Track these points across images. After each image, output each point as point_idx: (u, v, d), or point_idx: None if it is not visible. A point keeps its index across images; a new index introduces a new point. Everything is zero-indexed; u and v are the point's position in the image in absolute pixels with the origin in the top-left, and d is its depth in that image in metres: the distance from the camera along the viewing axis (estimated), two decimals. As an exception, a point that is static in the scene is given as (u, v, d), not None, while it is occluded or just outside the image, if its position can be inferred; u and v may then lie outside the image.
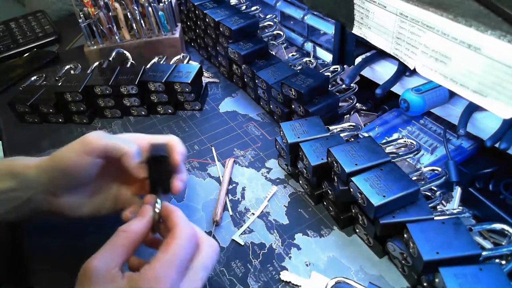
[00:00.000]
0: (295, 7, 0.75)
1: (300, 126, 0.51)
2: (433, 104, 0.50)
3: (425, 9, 0.35)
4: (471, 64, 0.33)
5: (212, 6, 0.74)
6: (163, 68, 0.67)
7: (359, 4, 0.43)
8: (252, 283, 0.43)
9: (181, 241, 0.33)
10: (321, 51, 0.73)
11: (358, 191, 0.40)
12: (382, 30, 0.42)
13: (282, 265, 0.44)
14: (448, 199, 0.47)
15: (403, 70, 0.55)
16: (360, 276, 0.42)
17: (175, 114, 0.69)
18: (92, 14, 0.75)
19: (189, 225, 0.36)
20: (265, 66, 0.64)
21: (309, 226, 0.48)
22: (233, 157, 0.58)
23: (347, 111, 0.60)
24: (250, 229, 0.48)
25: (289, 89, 0.56)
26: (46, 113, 0.69)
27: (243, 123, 0.65)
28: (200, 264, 0.34)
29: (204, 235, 0.37)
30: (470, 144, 0.53)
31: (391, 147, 0.50)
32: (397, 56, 0.42)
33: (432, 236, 0.37)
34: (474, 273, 0.34)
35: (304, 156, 0.47)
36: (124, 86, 0.65)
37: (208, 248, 0.36)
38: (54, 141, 0.66)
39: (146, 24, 0.77)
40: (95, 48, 0.78)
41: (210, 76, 0.77)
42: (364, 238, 0.45)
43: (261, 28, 0.73)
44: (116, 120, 0.69)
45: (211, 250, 0.36)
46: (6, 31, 1.00)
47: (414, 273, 0.39)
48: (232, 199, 0.52)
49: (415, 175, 0.46)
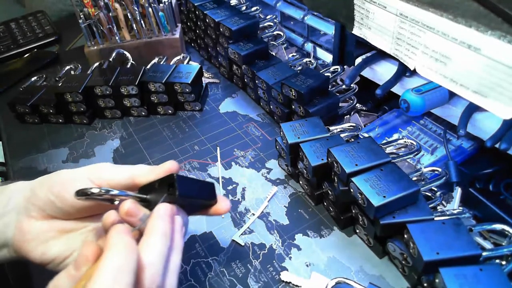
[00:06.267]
0: (295, 8, 0.75)
1: (300, 126, 0.51)
2: (433, 105, 0.50)
3: (425, 9, 0.35)
4: (471, 65, 0.33)
5: (212, 6, 0.74)
6: (163, 69, 0.67)
7: (359, 5, 0.43)
8: (252, 284, 0.43)
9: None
10: (321, 52, 0.73)
11: (358, 191, 0.40)
12: (382, 30, 0.42)
13: (282, 266, 0.44)
14: (448, 199, 0.47)
15: (403, 70, 0.55)
16: (360, 277, 0.42)
17: (175, 114, 0.69)
18: (92, 14, 0.75)
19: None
20: (265, 66, 0.64)
21: (309, 227, 0.48)
22: (234, 157, 0.58)
23: (347, 112, 0.60)
24: (250, 230, 0.48)
25: (289, 90, 0.56)
26: (46, 114, 0.69)
27: (243, 123, 0.65)
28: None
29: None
30: (470, 144, 0.53)
31: (391, 147, 0.50)
32: (397, 57, 0.42)
33: (432, 236, 0.37)
34: (474, 273, 0.34)
35: (304, 156, 0.47)
36: (124, 86, 0.65)
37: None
38: (54, 142, 0.66)
39: (146, 25, 0.77)
40: (95, 48, 0.78)
41: (210, 76, 0.77)
42: (364, 238, 0.45)
43: (261, 29, 0.73)
44: (116, 121, 0.69)
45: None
46: (6, 32, 1.00)
47: (414, 274, 0.39)
48: (232, 199, 0.52)
49: (415, 175, 0.46)
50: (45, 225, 0.36)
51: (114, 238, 0.29)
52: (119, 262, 0.27)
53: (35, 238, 0.36)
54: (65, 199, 0.35)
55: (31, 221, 0.36)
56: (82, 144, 0.65)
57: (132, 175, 0.37)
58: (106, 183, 0.36)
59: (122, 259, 0.27)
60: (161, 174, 0.36)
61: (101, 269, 0.27)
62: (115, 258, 0.27)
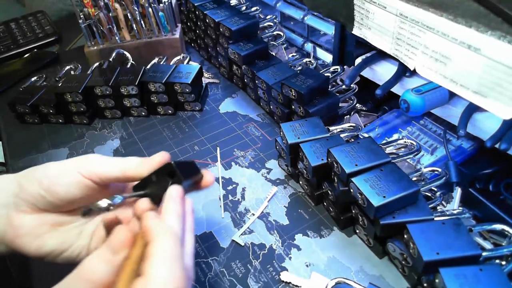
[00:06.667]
0: (295, 8, 0.75)
1: (300, 126, 0.51)
2: (433, 105, 0.50)
3: (425, 9, 0.35)
4: (471, 65, 0.33)
5: (212, 6, 0.74)
6: (163, 69, 0.67)
7: (359, 5, 0.43)
8: (252, 284, 0.43)
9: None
10: (321, 52, 0.73)
11: (358, 191, 0.40)
12: (382, 30, 0.42)
13: (282, 266, 0.44)
14: (448, 199, 0.47)
15: (403, 70, 0.55)
16: (360, 277, 0.42)
17: (175, 114, 0.69)
18: (92, 14, 0.75)
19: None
20: (265, 66, 0.64)
21: (309, 227, 0.48)
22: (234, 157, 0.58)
23: (347, 112, 0.60)
24: (250, 230, 0.48)
25: (289, 90, 0.56)
26: (46, 114, 0.69)
27: (243, 123, 0.65)
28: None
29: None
30: (470, 144, 0.53)
31: (391, 147, 0.50)
32: (397, 57, 0.42)
33: (432, 236, 0.37)
34: (474, 273, 0.34)
35: (304, 156, 0.47)
36: (124, 86, 0.65)
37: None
38: (54, 142, 0.66)
39: (146, 25, 0.77)
40: (95, 48, 0.78)
41: (210, 76, 0.77)
42: (364, 238, 0.45)
43: (261, 29, 0.73)
44: (116, 121, 0.69)
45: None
46: (6, 32, 1.00)
47: (414, 274, 0.39)
48: (232, 199, 0.52)
49: (415, 175, 0.46)
50: (36, 219, 0.36)
51: (158, 225, 0.30)
52: (170, 247, 0.29)
53: (28, 233, 0.36)
54: (55, 193, 0.35)
55: (22, 215, 0.36)
56: (82, 144, 0.65)
57: (123, 168, 0.36)
58: (97, 176, 0.36)
59: (173, 245, 0.29)
60: (154, 165, 0.36)
61: (158, 254, 0.28)
62: (167, 245, 0.29)
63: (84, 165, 0.36)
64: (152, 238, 0.30)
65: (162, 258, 0.28)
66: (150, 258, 0.28)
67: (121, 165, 0.37)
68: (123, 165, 0.37)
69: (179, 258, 0.30)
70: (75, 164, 0.36)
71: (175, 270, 0.29)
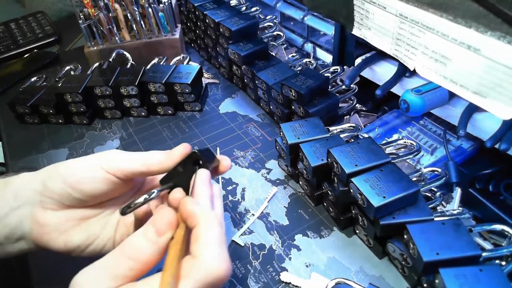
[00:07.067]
0: (295, 8, 0.75)
1: (300, 127, 0.51)
2: (433, 105, 0.50)
3: (424, 10, 0.35)
4: (471, 65, 0.33)
5: (212, 7, 0.74)
6: (163, 69, 0.67)
7: (359, 5, 0.43)
8: (252, 284, 0.43)
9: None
10: (321, 52, 0.73)
11: (358, 192, 0.40)
12: (382, 31, 0.42)
13: (282, 266, 0.44)
14: (448, 200, 0.47)
15: (403, 71, 0.55)
16: (360, 277, 0.42)
17: (175, 115, 0.69)
18: (92, 15, 0.75)
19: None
20: (265, 67, 0.64)
21: (309, 227, 0.48)
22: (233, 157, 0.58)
23: (347, 112, 0.60)
24: (250, 230, 0.48)
25: (289, 90, 0.56)
26: (46, 114, 0.69)
27: (243, 124, 0.65)
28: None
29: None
30: (470, 145, 0.53)
31: (391, 148, 0.50)
32: (397, 57, 0.42)
33: (432, 237, 0.37)
34: (474, 274, 0.34)
35: (304, 157, 0.47)
36: (124, 87, 0.65)
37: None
38: (54, 142, 0.66)
39: (146, 25, 0.77)
40: (95, 49, 0.78)
41: (210, 77, 0.77)
42: (364, 239, 0.45)
43: (261, 29, 0.74)
44: (116, 121, 0.69)
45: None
46: (6, 32, 1.00)
47: (414, 274, 0.39)
48: (232, 200, 0.52)
49: (415, 176, 0.46)
50: (63, 215, 0.37)
51: (202, 209, 0.31)
52: (217, 230, 0.30)
53: (54, 230, 0.36)
54: (81, 190, 0.36)
55: (48, 212, 0.36)
56: (82, 144, 0.65)
57: (147, 163, 0.37)
58: (121, 172, 0.36)
59: (219, 228, 0.30)
60: (178, 158, 0.36)
61: (207, 236, 0.29)
62: (214, 228, 0.30)
63: (107, 162, 0.36)
64: (197, 221, 0.30)
65: (211, 240, 0.29)
66: (199, 240, 0.29)
67: (144, 160, 0.37)
68: (146, 160, 0.37)
69: (224, 241, 0.30)
70: (99, 160, 0.37)
71: (223, 251, 0.29)
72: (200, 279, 0.28)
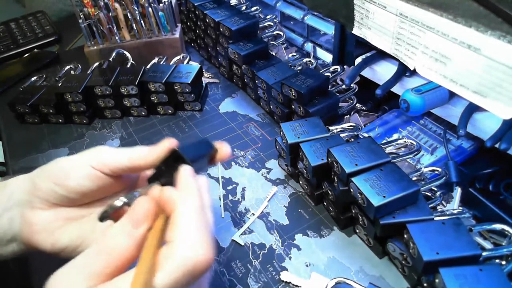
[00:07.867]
0: (295, 8, 0.75)
1: (300, 126, 0.51)
2: (433, 105, 0.50)
3: (425, 9, 0.35)
4: (471, 65, 0.33)
5: (212, 6, 0.74)
6: (163, 69, 0.67)
7: (359, 5, 0.43)
8: (252, 284, 0.43)
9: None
10: (321, 52, 0.73)
11: (358, 191, 0.40)
12: (382, 30, 0.42)
13: (282, 266, 0.44)
14: (448, 199, 0.47)
15: (403, 70, 0.55)
16: (360, 277, 0.42)
17: (175, 114, 0.69)
18: (92, 14, 0.75)
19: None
20: (265, 66, 0.64)
21: (309, 227, 0.48)
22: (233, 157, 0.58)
23: (347, 112, 0.60)
24: (250, 230, 0.48)
25: (289, 90, 0.56)
26: (46, 114, 0.69)
27: (243, 123, 0.65)
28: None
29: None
30: (470, 144, 0.53)
31: (391, 147, 0.50)
32: (397, 57, 0.42)
33: (432, 236, 0.37)
34: (474, 273, 0.34)
35: (304, 156, 0.47)
36: (124, 86, 0.65)
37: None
38: (54, 142, 0.66)
39: (146, 25, 0.77)
40: (95, 48, 0.78)
41: (210, 76, 0.77)
42: (364, 238, 0.45)
43: (261, 29, 0.73)
44: (116, 121, 0.69)
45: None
46: (6, 32, 1.00)
47: (414, 274, 0.39)
48: (232, 199, 0.52)
49: (415, 175, 0.46)
50: (51, 214, 0.36)
51: (179, 194, 0.29)
52: (195, 212, 0.28)
53: (43, 229, 0.36)
54: (67, 186, 0.35)
55: (36, 212, 0.36)
56: (82, 144, 0.65)
57: (132, 158, 0.36)
58: (107, 167, 0.36)
59: (197, 209, 0.29)
60: (162, 152, 0.36)
61: (183, 219, 0.27)
62: (191, 210, 0.28)
63: (94, 157, 0.36)
64: (174, 206, 0.29)
65: (189, 225, 0.27)
66: (175, 224, 0.27)
67: (129, 155, 0.36)
68: (131, 154, 0.36)
69: (207, 227, 0.28)
70: (85, 156, 0.36)
71: (204, 237, 0.27)
72: (177, 267, 0.26)
